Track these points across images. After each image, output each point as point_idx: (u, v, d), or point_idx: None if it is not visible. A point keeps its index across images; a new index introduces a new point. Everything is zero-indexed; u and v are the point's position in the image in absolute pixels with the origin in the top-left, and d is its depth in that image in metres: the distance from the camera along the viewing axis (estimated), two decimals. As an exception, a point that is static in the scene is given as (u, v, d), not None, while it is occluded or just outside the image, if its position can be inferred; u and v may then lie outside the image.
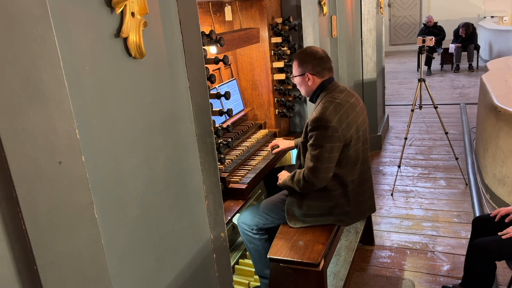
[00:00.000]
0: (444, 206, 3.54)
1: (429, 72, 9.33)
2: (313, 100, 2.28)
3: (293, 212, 2.27)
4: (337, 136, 2.05)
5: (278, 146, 2.56)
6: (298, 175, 2.16)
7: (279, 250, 2.11)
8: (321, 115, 2.06)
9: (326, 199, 2.22)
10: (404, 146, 4.03)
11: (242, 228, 2.38)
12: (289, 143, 2.55)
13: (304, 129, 2.17)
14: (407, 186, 4.00)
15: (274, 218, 2.33)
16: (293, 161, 3.04)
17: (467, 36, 9.19)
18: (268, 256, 2.11)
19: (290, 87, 3.07)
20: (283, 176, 2.32)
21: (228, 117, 2.59)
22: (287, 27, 2.87)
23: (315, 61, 2.19)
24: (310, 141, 2.10)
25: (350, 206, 2.25)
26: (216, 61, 2.04)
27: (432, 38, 3.85)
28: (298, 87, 2.33)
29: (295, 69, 2.27)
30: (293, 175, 2.21)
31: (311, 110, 2.43)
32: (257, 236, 2.35)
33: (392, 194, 3.84)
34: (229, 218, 2.05)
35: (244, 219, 2.37)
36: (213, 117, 1.91)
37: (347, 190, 2.22)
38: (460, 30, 9.26)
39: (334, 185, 2.19)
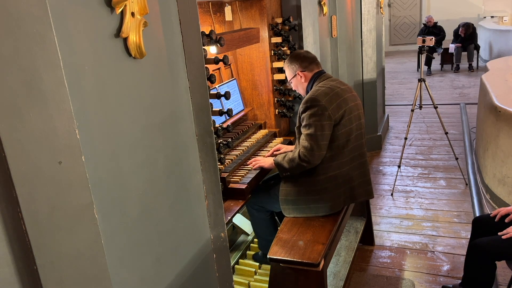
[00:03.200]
0: (444, 206, 3.54)
1: (429, 72, 9.33)
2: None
3: (286, 202, 2.33)
4: (327, 114, 2.15)
5: (279, 150, 2.59)
6: (293, 154, 2.22)
7: (279, 250, 2.11)
8: (311, 96, 2.20)
9: (314, 184, 2.25)
10: (404, 146, 4.03)
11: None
12: (292, 148, 2.55)
13: (297, 115, 2.26)
14: (407, 186, 4.00)
15: (269, 201, 2.43)
16: None
17: (467, 36, 9.18)
18: (268, 256, 2.11)
19: (290, 87, 3.07)
20: (267, 159, 2.38)
21: (228, 117, 2.58)
22: (287, 27, 2.87)
23: (300, 59, 2.40)
24: (303, 123, 2.20)
25: (340, 189, 2.27)
26: (216, 61, 2.04)
27: (432, 38, 3.85)
28: (296, 90, 2.51)
29: (288, 74, 2.49)
30: (285, 155, 2.27)
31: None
32: (254, 209, 2.49)
33: (392, 194, 3.84)
34: (229, 218, 2.05)
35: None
36: (213, 117, 1.91)
37: (336, 173, 2.25)
38: (460, 30, 9.26)
39: (322, 169, 2.23)
